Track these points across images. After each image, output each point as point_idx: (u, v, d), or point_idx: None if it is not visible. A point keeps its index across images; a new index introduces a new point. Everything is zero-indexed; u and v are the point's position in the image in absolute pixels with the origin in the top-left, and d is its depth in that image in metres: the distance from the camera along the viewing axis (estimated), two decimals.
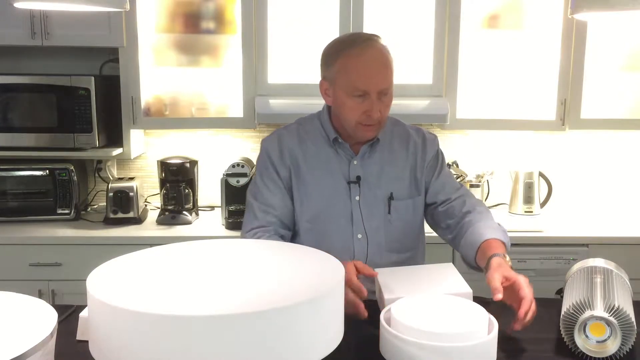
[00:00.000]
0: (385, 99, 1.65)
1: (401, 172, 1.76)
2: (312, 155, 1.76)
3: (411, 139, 1.80)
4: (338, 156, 1.75)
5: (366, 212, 1.74)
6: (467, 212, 1.72)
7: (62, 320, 1.43)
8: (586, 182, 3.23)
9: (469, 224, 1.68)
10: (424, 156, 1.78)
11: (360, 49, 1.62)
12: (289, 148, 1.77)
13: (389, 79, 1.64)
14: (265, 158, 1.79)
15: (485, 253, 1.55)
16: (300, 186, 1.76)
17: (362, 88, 1.61)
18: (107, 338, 0.97)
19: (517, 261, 2.71)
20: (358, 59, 1.61)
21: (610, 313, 1.28)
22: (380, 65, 1.62)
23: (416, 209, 1.79)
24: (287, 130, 1.82)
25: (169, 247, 1.24)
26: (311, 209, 1.75)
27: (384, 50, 1.64)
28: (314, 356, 1.01)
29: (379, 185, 1.74)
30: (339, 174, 1.74)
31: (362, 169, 1.74)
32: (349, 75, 1.62)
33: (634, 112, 2.96)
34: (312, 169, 1.75)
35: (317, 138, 1.77)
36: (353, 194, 1.74)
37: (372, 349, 1.30)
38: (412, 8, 2.84)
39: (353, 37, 1.67)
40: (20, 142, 2.78)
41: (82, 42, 2.76)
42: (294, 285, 1.04)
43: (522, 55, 2.89)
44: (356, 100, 1.63)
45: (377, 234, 1.74)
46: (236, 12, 2.82)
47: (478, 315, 1.27)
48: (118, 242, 2.66)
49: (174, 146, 3.16)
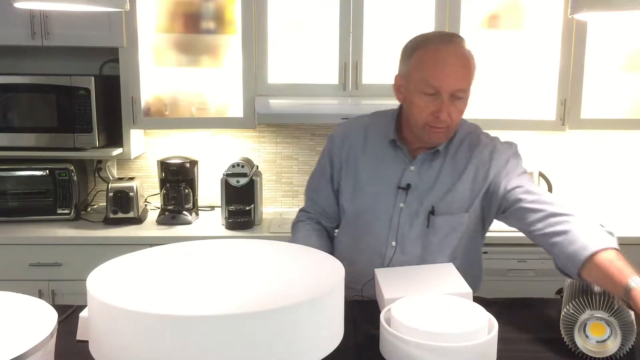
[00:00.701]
0: (459, 104, 1.56)
1: (454, 185, 1.65)
2: (371, 151, 1.72)
3: (477, 150, 1.66)
4: (396, 158, 1.69)
5: (406, 221, 1.66)
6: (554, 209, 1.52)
7: (62, 320, 1.43)
8: (586, 182, 3.23)
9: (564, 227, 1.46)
10: (486, 172, 1.63)
11: (439, 44, 1.54)
12: (350, 139, 1.75)
13: (465, 82, 1.55)
14: (327, 146, 1.81)
15: (608, 271, 1.33)
16: (350, 179, 1.73)
17: (434, 85, 1.53)
18: (107, 338, 0.97)
19: (517, 261, 2.72)
20: (434, 54, 1.54)
21: (610, 313, 1.28)
22: (457, 64, 1.54)
23: (459, 227, 1.65)
24: (358, 121, 1.80)
25: (169, 247, 1.24)
26: (354, 205, 1.73)
27: (465, 51, 1.56)
28: (314, 356, 1.01)
29: (426, 197, 1.65)
30: (390, 177, 1.68)
31: (417, 177, 1.66)
32: (423, 71, 1.54)
33: (634, 112, 2.96)
34: (366, 165, 1.72)
35: (381, 135, 1.72)
36: (398, 200, 1.67)
37: (372, 349, 1.30)
38: (412, 8, 2.84)
39: (436, 33, 1.64)
40: (20, 142, 2.78)
41: (82, 42, 2.76)
42: (294, 285, 1.03)
43: (522, 55, 2.89)
44: (426, 99, 1.55)
45: (413, 245, 1.67)
46: (236, 12, 2.82)
47: (478, 315, 1.27)
48: (118, 242, 2.66)
49: (174, 146, 3.16)
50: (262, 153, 3.19)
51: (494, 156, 1.65)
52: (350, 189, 1.74)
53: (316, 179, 1.84)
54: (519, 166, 1.66)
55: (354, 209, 1.74)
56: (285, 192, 3.23)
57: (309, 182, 1.87)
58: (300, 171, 3.22)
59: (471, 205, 1.65)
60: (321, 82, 2.86)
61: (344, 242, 1.78)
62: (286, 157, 3.21)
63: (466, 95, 1.58)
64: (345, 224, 1.79)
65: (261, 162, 3.17)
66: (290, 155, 3.20)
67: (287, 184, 3.23)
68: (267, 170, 3.19)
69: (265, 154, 3.19)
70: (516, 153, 1.69)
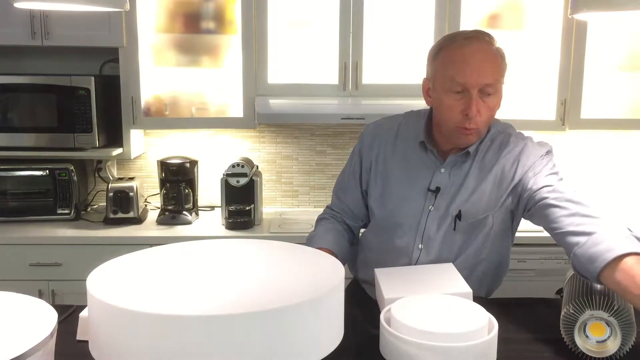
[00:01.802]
0: (489, 100, 1.53)
1: (478, 186, 1.62)
2: (402, 152, 1.70)
3: (506, 149, 1.63)
4: (426, 160, 1.67)
5: (433, 224, 1.65)
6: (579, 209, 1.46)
7: (62, 320, 1.43)
8: (586, 182, 3.22)
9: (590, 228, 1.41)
10: (513, 172, 1.60)
11: (463, 41, 1.53)
12: (381, 139, 1.73)
13: (493, 76, 1.51)
14: (358, 145, 1.79)
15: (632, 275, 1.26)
16: (379, 181, 1.72)
17: (460, 81, 1.50)
18: (107, 338, 0.97)
19: (517, 261, 2.71)
20: (459, 51, 1.52)
21: (610, 313, 1.28)
22: (482, 58, 1.51)
23: (481, 228, 1.63)
24: (390, 120, 1.78)
25: (169, 247, 1.24)
26: (383, 208, 1.72)
27: (491, 46, 1.54)
28: (314, 356, 1.01)
29: (454, 200, 1.63)
30: (420, 179, 1.67)
31: (446, 180, 1.64)
32: (448, 69, 1.53)
33: (634, 112, 2.96)
34: (397, 167, 1.70)
35: (413, 135, 1.69)
36: (427, 203, 1.65)
37: (372, 349, 1.30)
38: (412, 8, 2.84)
39: (461, 32, 1.60)
40: (20, 142, 2.78)
41: (82, 42, 2.76)
42: (294, 285, 1.03)
43: (522, 55, 2.88)
44: (454, 97, 1.53)
45: (439, 249, 1.65)
46: (236, 12, 2.82)
47: (478, 315, 1.27)
48: (118, 242, 2.66)
49: (174, 146, 3.16)
50: (262, 153, 3.19)
51: (522, 155, 1.61)
52: (379, 192, 1.72)
53: (345, 178, 1.81)
54: (548, 166, 1.61)
55: (383, 213, 1.72)
56: (285, 192, 3.23)
57: (339, 180, 1.85)
58: (300, 171, 3.22)
59: (496, 205, 1.62)
60: (321, 82, 2.86)
61: (372, 242, 1.77)
62: (286, 157, 3.21)
63: (496, 92, 1.54)
64: (373, 225, 1.77)
65: (261, 162, 3.17)
66: (290, 155, 3.20)
67: (287, 184, 3.23)
68: (267, 170, 3.19)
69: (265, 154, 3.19)
70: (549, 152, 1.65)
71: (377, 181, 1.72)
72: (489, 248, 1.67)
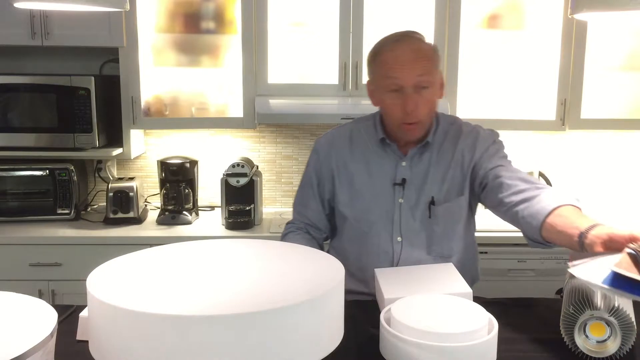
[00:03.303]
0: (425, 93, 1.61)
1: (445, 174, 1.71)
2: (360, 155, 1.77)
3: (462, 137, 1.74)
4: (386, 157, 1.74)
5: (407, 215, 1.71)
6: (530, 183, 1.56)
7: (62, 320, 1.43)
8: (586, 182, 3.23)
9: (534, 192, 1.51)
10: (472, 154, 1.71)
11: (393, 44, 1.63)
12: (337, 148, 1.79)
13: (424, 70, 1.60)
14: (312, 159, 1.84)
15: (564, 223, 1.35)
16: (345, 186, 1.77)
17: (395, 80, 1.60)
18: (107, 338, 0.97)
19: (517, 261, 2.71)
20: (390, 53, 1.62)
21: (610, 313, 1.28)
22: (412, 56, 1.60)
23: (459, 212, 1.73)
24: (341, 130, 1.84)
25: (169, 247, 1.24)
26: (354, 209, 1.76)
27: (419, 44, 1.64)
28: (314, 356, 1.01)
29: (422, 189, 1.71)
30: (385, 175, 1.73)
31: (410, 171, 1.72)
32: (383, 70, 1.63)
33: (633, 112, 2.96)
34: (359, 169, 1.76)
35: (367, 138, 1.77)
36: (397, 196, 1.72)
37: (372, 349, 1.30)
38: (412, 8, 2.84)
39: (391, 35, 1.68)
40: (20, 142, 2.78)
41: (82, 42, 2.76)
42: (294, 285, 1.04)
43: (522, 55, 2.89)
44: (392, 96, 1.62)
45: (417, 238, 1.72)
46: (236, 12, 2.82)
47: (478, 315, 1.27)
48: (118, 242, 2.66)
49: (174, 146, 3.16)
50: (262, 153, 3.19)
51: (478, 140, 1.72)
52: (347, 196, 1.77)
53: (304, 193, 1.86)
54: (500, 150, 1.73)
55: (354, 213, 1.76)
56: (285, 192, 3.23)
57: (297, 196, 1.89)
58: (300, 171, 3.21)
59: (464, 188, 1.72)
60: (321, 82, 2.86)
61: (348, 251, 1.79)
62: (286, 157, 3.21)
63: (431, 85, 1.63)
64: (347, 232, 1.79)
65: (261, 162, 3.17)
66: (290, 155, 3.21)
67: (287, 184, 3.23)
68: (267, 170, 3.19)
69: (265, 154, 3.19)
70: (498, 139, 1.76)
71: (343, 186, 1.77)
72: (466, 233, 1.76)
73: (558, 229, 1.37)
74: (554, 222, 1.39)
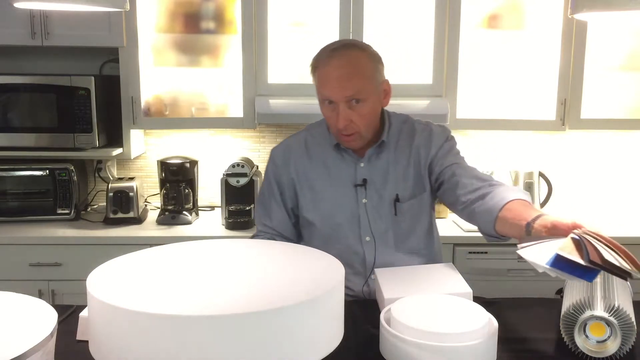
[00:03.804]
0: (359, 108, 1.62)
1: (405, 171, 1.74)
2: (318, 160, 1.77)
3: (416, 135, 1.77)
4: (344, 160, 1.76)
5: (373, 214, 1.73)
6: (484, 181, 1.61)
7: (62, 320, 1.43)
8: (586, 182, 3.23)
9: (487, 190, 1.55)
10: (428, 151, 1.74)
11: (326, 59, 1.62)
12: (294, 156, 1.79)
13: (355, 87, 1.59)
14: (270, 169, 1.83)
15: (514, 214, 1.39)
16: (307, 192, 1.77)
17: (327, 95, 1.62)
18: (107, 338, 0.97)
19: (517, 261, 2.71)
20: (323, 69, 1.62)
21: (610, 313, 1.28)
22: (342, 74, 1.59)
23: (423, 207, 1.77)
24: (295, 137, 1.84)
25: (169, 247, 1.24)
26: (319, 214, 1.76)
27: (354, 57, 1.61)
28: (314, 356, 1.01)
29: (385, 187, 1.74)
30: (345, 178, 1.75)
31: (369, 172, 1.74)
32: (318, 82, 1.65)
33: (633, 112, 2.96)
34: (319, 174, 1.76)
35: (323, 143, 1.78)
36: (360, 197, 1.74)
37: (372, 349, 1.30)
38: (412, 8, 2.84)
39: (329, 45, 1.67)
40: (20, 142, 2.78)
41: (82, 42, 2.76)
42: (294, 285, 1.04)
43: (522, 55, 2.89)
44: (329, 108, 1.64)
45: (385, 236, 1.74)
46: (236, 12, 2.82)
47: (478, 315, 1.27)
48: (118, 242, 2.66)
49: (174, 146, 3.16)
50: (262, 153, 3.19)
51: (432, 137, 1.76)
52: (309, 201, 1.77)
53: (266, 205, 1.82)
54: (454, 147, 1.77)
55: (319, 218, 1.76)
56: None
57: (259, 210, 1.86)
58: None
59: (425, 184, 1.75)
60: None
61: None
62: None
63: (366, 98, 1.62)
64: (314, 235, 1.79)
65: (261, 162, 3.17)
66: None
67: None
68: None
69: (265, 154, 3.19)
70: (451, 135, 1.79)
71: (305, 193, 1.77)
72: (431, 227, 1.80)
73: (509, 222, 1.41)
74: (504, 217, 1.43)
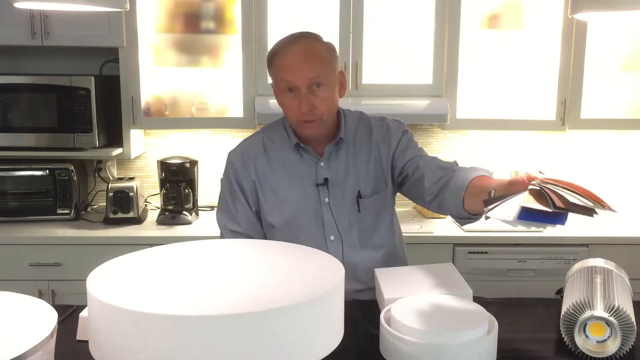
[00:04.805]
0: (320, 92, 1.63)
1: (366, 168, 1.75)
2: (278, 162, 1.76)
3: (374, 131, 1.77)
4: (304, 160, 1.75)
5: (337, 213, 1.73)
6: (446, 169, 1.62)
7: (62, 320, 1.43)
8: (586, 182, 3.22)
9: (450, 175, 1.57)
10: (388, 147, 1.75)
11: (286, 47, 1.65)
12: (253, 159, 1.77)
13: (316, 70, 1.62)
14: (230, 172, 1.80)
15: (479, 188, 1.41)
16: (268, 195, 1.75)
17: (289, 80, 1.63)
18: (107, 338, 0.97)
19: (517, 261, 2.72)
20: (284, 55, 1.64)
21: (610, 313, 1.28)
22: (304, 57, 1.63)
23: (385, 203, 1.78)
24: (252, 140, 1.82)
25: (169, 247, 1.24)
26: (282, 216, 1.74)
27: (311, 44, 1.66)
28: (314, 356, 1.01)
29: (346, 185, 1.74)
30: (306, 178, 1.74)
31: (329, 171, 1.74)
32: (278, 72, 1.66)
33: (633, 112, 2.96)
34: (279, 176, 1.75)
35: (281, 145, 1.77)
36: (322, 196, 1.73)
37: (372, 349, 1.30)
38: (412, 8, 2.84)
39: (286, 37, 1.69)
40: (20, 142, 2.78)
41: (82, 42, 2.76)
42: (294, 285, 1.04)
43: (522, 55, 2.89)
44: (289, 96, 1.65)
45: (350, 234, 1.74)
46: (236, 12, 2.82)
47: (478, 315, 1.27)
48: (118, 242, 2.66)
49: (174, 146, 3.15)
50: None
51: (390, 132, 1.77)
52: (272, 204, 1.75)
53: (231, 210, 1.77)
54: (412, 139, 1.79)
55: (282, 220, 1.75)
56: None
57: (222, 217, 1.79)
58: None
59: (387, 180, 1.76)
60: None
61: None
62: None
63: (327, 83, 1.65)
64: (278, 238, 1.75)
65: None
66: None
67: None
68: None
69: None
70: (406, 128, 1.81)
71: (267, 196, 1.76)
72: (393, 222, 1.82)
73: (475, 198, 1.42)
74: (470, 194, 1.45)
